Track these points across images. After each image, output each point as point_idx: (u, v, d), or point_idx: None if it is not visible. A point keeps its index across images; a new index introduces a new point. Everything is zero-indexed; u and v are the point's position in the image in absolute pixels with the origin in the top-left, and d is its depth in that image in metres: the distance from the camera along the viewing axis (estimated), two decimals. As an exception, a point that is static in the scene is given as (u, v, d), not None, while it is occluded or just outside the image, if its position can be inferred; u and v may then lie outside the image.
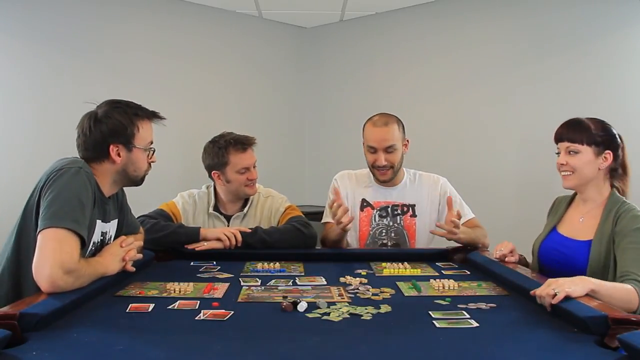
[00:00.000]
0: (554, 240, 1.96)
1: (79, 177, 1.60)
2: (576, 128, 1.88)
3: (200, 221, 2.45)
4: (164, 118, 1.84)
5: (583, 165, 1.86)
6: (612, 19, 3.61)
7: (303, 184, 4.98)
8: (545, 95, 3.80)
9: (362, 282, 1.81)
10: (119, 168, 1.76)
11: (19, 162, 3.54)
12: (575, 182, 1.90)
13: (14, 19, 3.62)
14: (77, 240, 1.53)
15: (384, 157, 2.36)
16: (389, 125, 2.37)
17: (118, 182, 1.81)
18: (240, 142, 2.42)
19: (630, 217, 1.77)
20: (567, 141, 1.88)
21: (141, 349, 1.18)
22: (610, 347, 1.17)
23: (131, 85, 4.00)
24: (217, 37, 4.50)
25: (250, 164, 2.43)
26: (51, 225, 1.50)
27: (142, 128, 1.77)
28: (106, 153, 1.72)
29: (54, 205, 1.53)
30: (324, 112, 4.95)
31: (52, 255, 1.46)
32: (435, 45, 4.34)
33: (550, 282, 1.43)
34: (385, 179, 2.41)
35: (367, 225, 2.45)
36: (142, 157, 1.79)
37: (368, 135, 2.40)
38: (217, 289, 1.68)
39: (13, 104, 3.61)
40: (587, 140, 1.85)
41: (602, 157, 1.86)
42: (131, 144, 1.75)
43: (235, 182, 2.41)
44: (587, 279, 1.46)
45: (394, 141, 2.36)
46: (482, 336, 1.29)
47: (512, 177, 3.83)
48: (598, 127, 1.87)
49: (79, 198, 1.57)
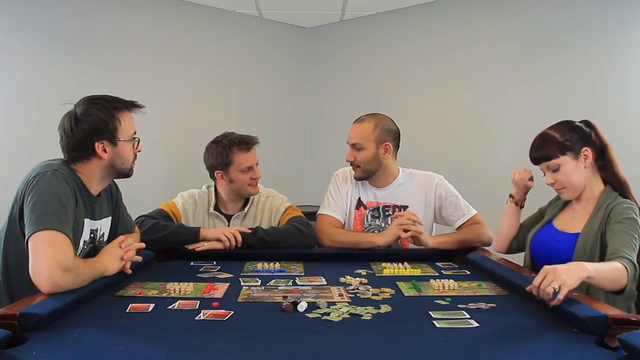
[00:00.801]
0: (546, 232, 1.98)
1: (55, 179, 1.60)
2: (544, 144, 1.89)
3: (201, 221, 2.45)
4: (142, 106, 1.82)
5: (569, 176, 1.87)
6: (612, 19, 3.61)
7: (303, 184, 4.98)
8: (545, 95, 3.80)
9: (362, 282, 1.81)
10: (107, 163, 1.75)
11: (19, 161, 3.53)
12: (572, 193, 1.93)
13: (14, 19, 3.62)
14: (67, 239, 1.53)
15: (351, 154, 2.38)
16: (362, 123, 2.39)
17: (107, 176, 1.80)
18: (244, 141, 2.43)
19: (622, 208, 1.79)
20: (543, 161, 1.90)
21: (141, 349, 1.18)
22: (610, 347, 1.17)
23: (131, 85, 4.00)
24: (217, 37, 4.50)
25: (253, 163, 2.43)
26: (39, 228, 1.50)
27: (123, 120, 1.75)
28: (92, 151, 1.72)
29: (37, 210, 1.54)
30: (324, 112, 4.95)
31: (47, 256, 1.46)
32: (435, 45, 4.34)
33: (547, 270, 1.42)
34: (356, 176, 2.43)
35: (359, 225, 2.45)
36: (128, 149, 1.79)
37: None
38: (217, 289, 1.68)
39: (13, 103, 3.62)
40: (560, 150, 1.86)
41: (581, 156, 1.86)
42: (115, 137, 1.74)
43: (239, 181, 2.41)
44: (582, 265, 1.46)
45: (359, 139, 2.36)
46: (482, 336, 1.29)
47: (511, 175, 3.83)
48: (562, 132, 1.88)
49: (59, 199, 1.58)
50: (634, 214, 1.78)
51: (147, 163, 4.02)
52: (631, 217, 1.76)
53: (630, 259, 1.62)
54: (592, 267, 1.47)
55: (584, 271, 1.43)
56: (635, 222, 1.76)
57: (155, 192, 3.79)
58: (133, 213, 2.31)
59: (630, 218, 1.76)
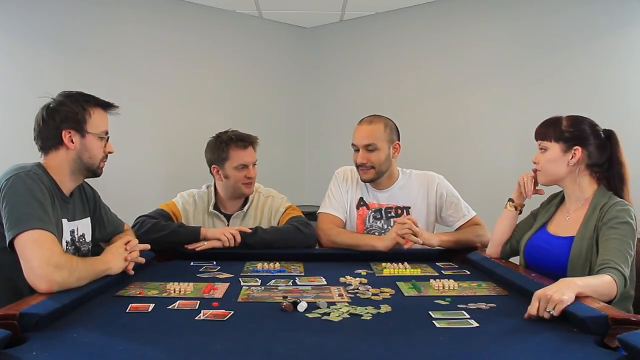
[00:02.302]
0: (540, 237, 1.94)
1: (27, 178, 1.61)
2: (548, 124, 1.89)
3: (200, 220, 2.45)
4: (116, 107, 1.84)
5: (549, 163, 1.86)
6: (612, 19, 3.61)
7: (303, 184, 4.98)
8: (545, 95, 3.80)
9: (362, 282, 1.81)
10: (74, 156, 1.75)
11: (19, 161, 3.53)
12: (543, 179, 1.92)
13: (14, 18, 3.62)
14: (51, 235, 1.53)
15: (364, 155, 2.34)
16: (372, 124, 2.36)
17: (76, 172, 1.79)
18: (241, 138, 2.44)
19: (617, 211, 1.73)
20: (539, 138, 1.90)
21: (141, 349, 1.18)
22: (610, 347, 1.17)
23: (131, 85, 4.01)
24: (217, 37, 4.50)
25: (249, 162, 2.43)
26: (19, 231, 1.50)
27: (93, 114, 1.77)
28: (60, 139, 1.73)
29: (14, 212, 1.53)
30: (324, 112, 4.95)
31: (35, 256, 1.46)
32: (435, 45, 4.34)
33: (539, 295, 1.39)
34: (366, 178, 2.39)
35: (361, 225, 2.44)
36: (97, 144, 1.79)
37: (353, 133, 2.41)
38: (217, 289, 1.68)
39: (13, 103, 3.61)
40: (555, 137, 1.85)
41: (570, 153, 1.83)
42: (83, 129, 1.75)
43: (233, 178, 2.41)
44: (571, 282, 1.43)
45: (373, 140, 2.33)
46: (482, 336, 1.29)
47: (512, 176, 3.81)
48: (569, 122, 1.86)
49: (35, 197, 1.58)
50: (628, 217, 1.72)
51: (147, 163, 4.07)
52: (625, 222, 1.70)
53: (620, 269, 1.58)
54: (582, 282, 1.44)
55: (574, 287, 1.40)
56: (629, 226, 1.70)
57: (155, 191, 3.80)
58: (132, 213, 2.31)
59: (624, 222, 1.70)
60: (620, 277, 1.56)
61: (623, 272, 1.58)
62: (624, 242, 1.66)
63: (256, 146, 2.48)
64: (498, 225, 2.10)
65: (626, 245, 1.66)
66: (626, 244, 1.66)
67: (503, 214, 2.09)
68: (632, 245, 1.68)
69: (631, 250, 1.66)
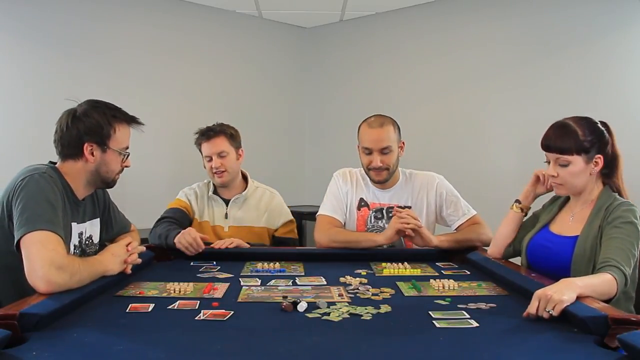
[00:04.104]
0: (543, 237, 1.93)
1: (43, 180, 1.61)
2: (564, 136, 1.78)
3: (203, 206, 2.56)
4: (142, 124, 1.84)
5: (574, 176, 1.79)
6: (612, 19, 3.61)
7: (303, 183, 4.98)
8: (545, 95, 3.80)
9: (362, 282, 1.81)
10: (92, 168, 1.76)
11: (19, 161, 3.53)
12: (565, 192, 1.88)
13: (14, 18, 3.62)
14: (57, 237, 1.53)
15: (379, 159, 2.34)
16: (384, 127, 2.36)
17: (92, 183, 1.80)
18: (205, 131, 2.53)
19: (622, 210, 1.73)
20: (555, 152, 1.79)
21: (141, 349, 1.18)
22: (610, 347, 1.17)
23: (131, 85, 4.01)
24: (217, 37, 4.50)
25: (211, 153, 2.49)
26: (28, 230, 1.50)
27: (118, 130, 1.77)
28: (80, 151, 1.73)
29: (26, 212, 1.54)
30: (324, 112, 4.95)
31: (39, 256, 1.46)
32: (435, 45, 4.35)
33: (539, 295, 1.39)
34: (381, 179, 2.39)
35: (362, 226, 2.44)
36: (116, 160, 1.79)
37: (363, 136, 2.39)
38: (217, 289, 1.68)
39: (12, 103, 3.61)
40: (577, 149, 1.76)
41: (592, 162, 1.79)
42: (106, 145, 1.75)
43: (207, 169, 2.54)
44: (571, 283, 1.43)
45: (389, 142, 2.34)
46: (482, 336, 1.29)
47: (512, 176, 3.83)
48: (585, 130, 1.78)
49: (48, 200, 1.58)
50: (633, 217, 1.71)
51: (149, 163, 4.07)
52: (629, 222, 1.70)
53: (620, 268, 1.57)
54: (582, 283, 1.44)
55: (575, 287, 1.40)
56: (634, 226, 1.69)
57: (157, 191, 3.81)
58: (135, 211, 2.33)
59: (628, 222, 1.69)
60: (621, 275, 1.56)
61: (624, 271, 1.58)
62: (627, 241, 1.66)
63: (223, 137, 2.51)
64: (503, 227, 2.07)
65: (629, 244, 1.65)
66: (629, 243, 1.66)
67: (508, 215, 2.07)
68: (636, 245, 1.67)
69: (634, 249, 1.66)
